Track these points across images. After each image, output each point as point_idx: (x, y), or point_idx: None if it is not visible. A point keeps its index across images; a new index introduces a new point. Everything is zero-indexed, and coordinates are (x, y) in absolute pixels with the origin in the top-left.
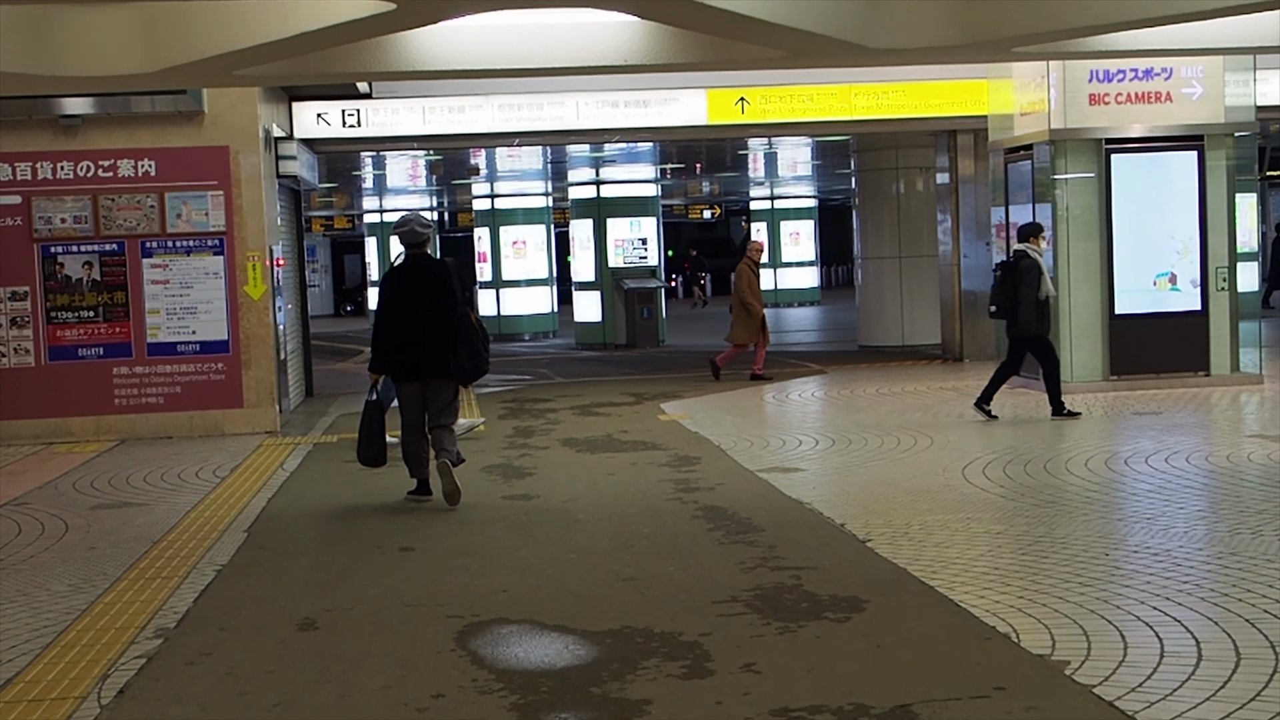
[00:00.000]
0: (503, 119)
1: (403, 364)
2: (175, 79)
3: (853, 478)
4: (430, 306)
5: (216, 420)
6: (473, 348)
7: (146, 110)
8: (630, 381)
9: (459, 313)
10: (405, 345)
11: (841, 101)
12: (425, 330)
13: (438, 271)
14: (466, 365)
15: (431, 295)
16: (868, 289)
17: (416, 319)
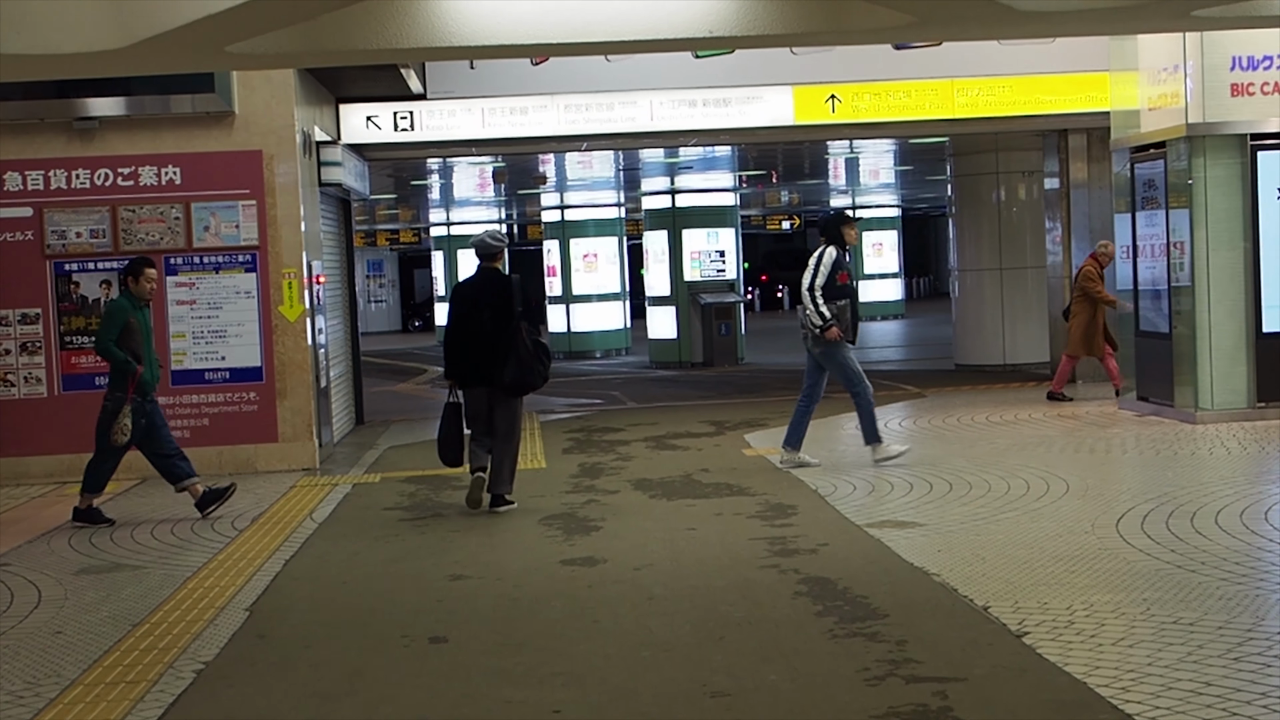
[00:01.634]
0: (569, 121)
1: (467, 371)
2: (155, 58)
3: (984, 537)
4: (489, 319)
5: (248, 456)
6: (521, 363)
7: (170, 111)
8: (709, 406)
9: (511, 327)
10: (469, 354)
11: (942, 98)
12: (485, 341)
13: (500, 286)
14: (509, 379)
15: (492, 308)
16: (965, 303)
17: (479, 329)
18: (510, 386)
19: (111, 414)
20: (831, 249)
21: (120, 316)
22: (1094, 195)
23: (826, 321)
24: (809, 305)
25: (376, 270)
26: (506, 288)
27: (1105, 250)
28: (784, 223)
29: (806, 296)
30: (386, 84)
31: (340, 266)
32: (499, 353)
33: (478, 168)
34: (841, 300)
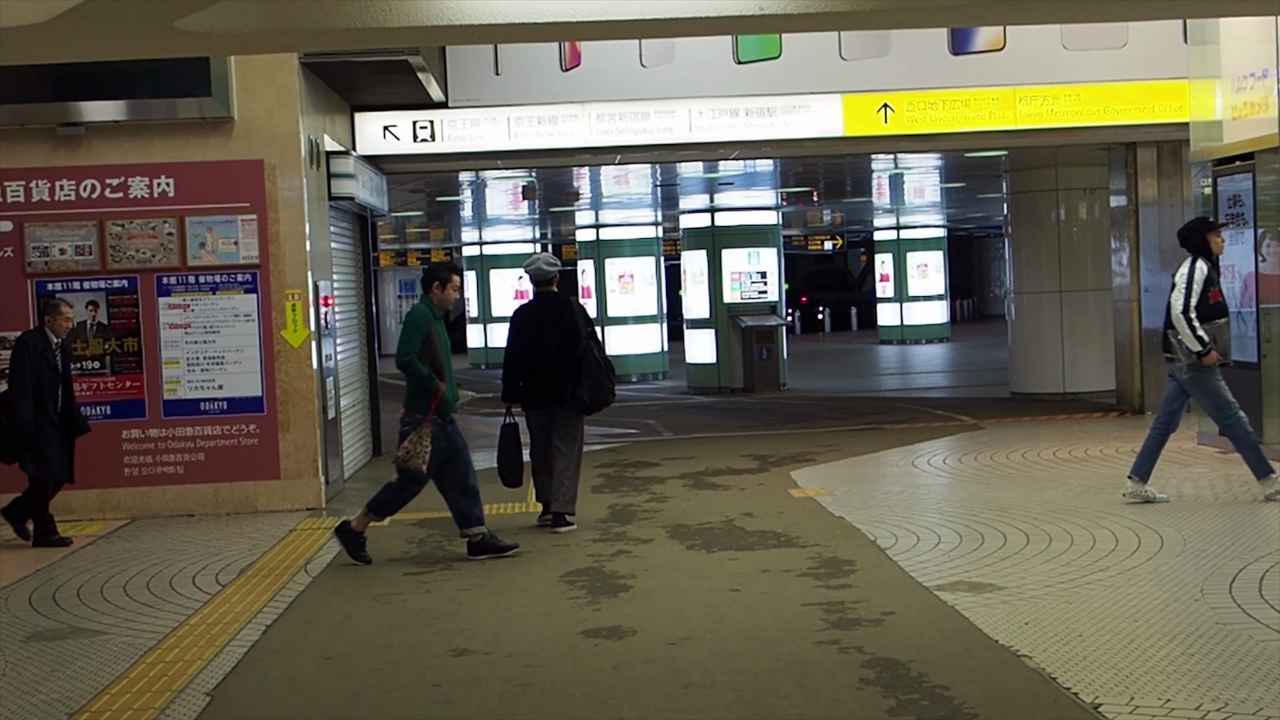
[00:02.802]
0: (601, 131)
1: (530, 394)
2: (88, 37)
3: (1076, 605)
4: (554, 341)
5: (247, 495)
6: (595, 380)
7: (163, 116)
8: (751, 438)
9: (582, 346)
10: (532, 377)
11: (1003, 107)
12: (549, 363)
13: (562, 309)
14: (586, 397)
15: (555, 331)
16: (1022, 327)
17: (542, 352)
18: (588, 404)
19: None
20: (1201, 263)
21: (423, 325)
22: (1164, 213)
23: (1205, 346)
24: (1184, 330)
25: (409, 291)
26: (568, 310)
27: None
28: (826, 243)
29: (1181, 321)
30: (405, 91)
31: (356, 287)
32: (565, 374)
33: (507, 183)
34: (1219, 319)
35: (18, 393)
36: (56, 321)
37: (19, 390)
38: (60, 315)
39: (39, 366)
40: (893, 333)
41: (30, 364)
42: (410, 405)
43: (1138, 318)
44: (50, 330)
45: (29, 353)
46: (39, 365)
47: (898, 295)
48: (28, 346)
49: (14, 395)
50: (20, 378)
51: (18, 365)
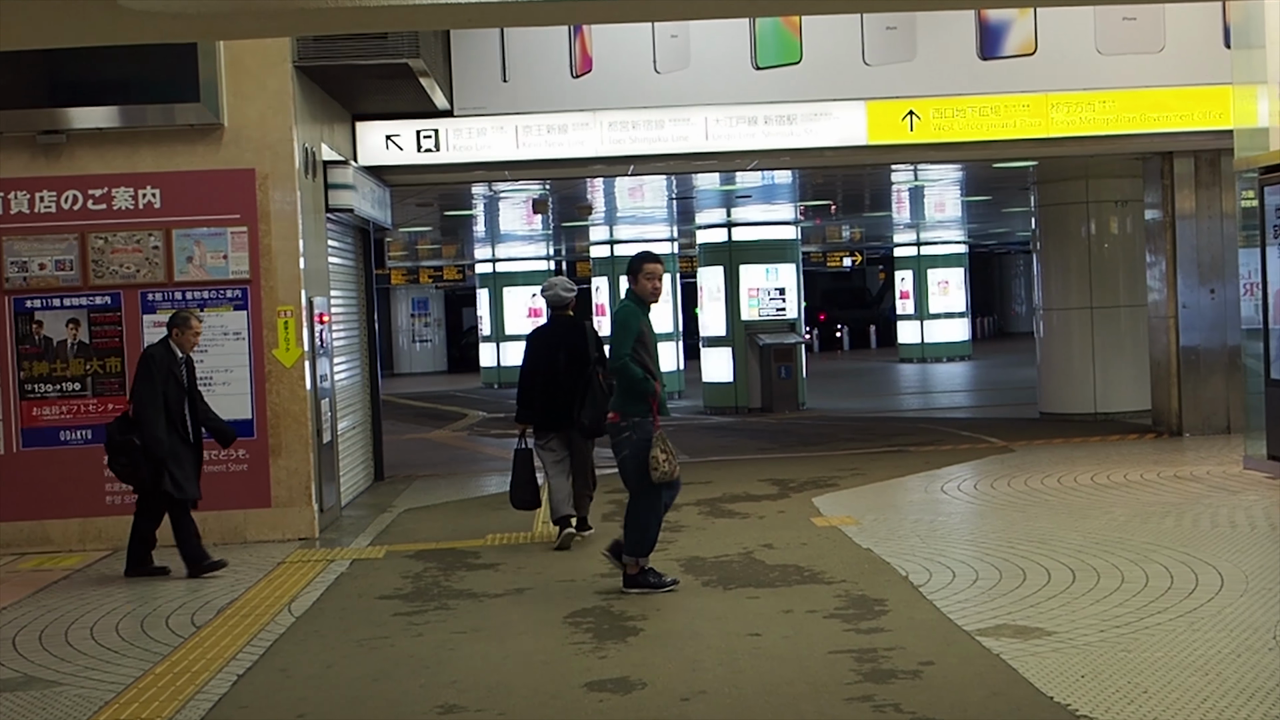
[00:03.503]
0: (614, 140)
1: (543, 416)
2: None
3: (1137, 654)
4: (565, 364)
5: (236, 524)
6: (598, 405)
7: (148, 123)
8: (770, 461)
9: (589, 371)
10: (546, 399)
11: (1035, 115)
12: (561, 386)
13: (574, 332)
14: (586, 421)
15: (567, 354)
16: (1051, 345)
17: (554, 375)
18: (588, 429)
19: (642, 448)
20: None
21: (633, 325)
22: (1202, 226)
23: None
24: None
25: (421, 309)
26: (581, 334)
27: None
28: (845, 259)
29: None
30: (408, 99)
31: (358, 304)
32: (574, 396)
33: (517, 197)
34: None
35: (149, 411)
36: (185, 335)
37: (150, 408)
38: (190, 329)
39: (166, 382)
40: (913, 351)
41: (159, 379)
42: (625, 409)
43: (1175, 335)
44: (176, 345)
45: (156, 367)
46: (166, 380)
47: (918, 312)
48: (155, 360)
49: (143, 413)
50: (150, 395)
51: (146, 381)
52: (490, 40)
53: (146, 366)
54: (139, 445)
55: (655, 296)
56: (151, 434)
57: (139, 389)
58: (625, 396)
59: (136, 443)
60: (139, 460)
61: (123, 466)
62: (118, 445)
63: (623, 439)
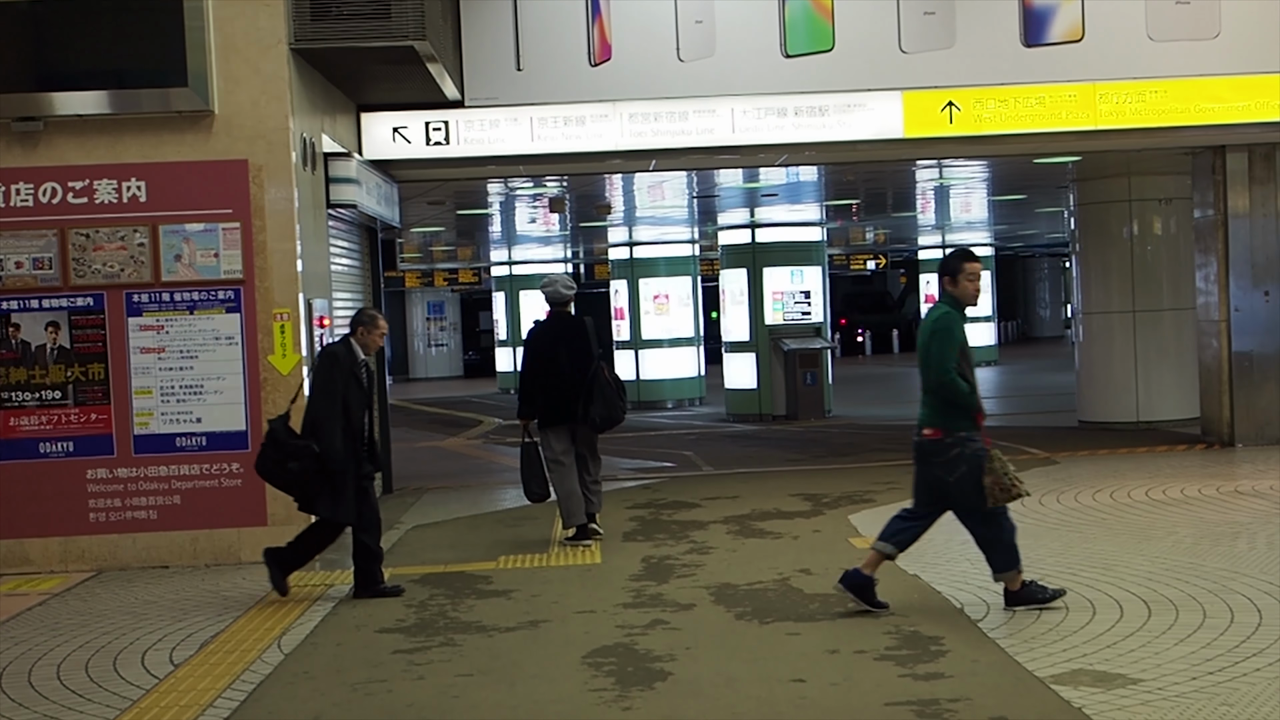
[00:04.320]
0: (634, 133)
1: (548, 411)
2: None
3: (1240, 710)
4: (570, 360)
5: (230, 543)
6: (607, 399)
7: (133, 110)
8: (800, 474)
9: (594, 366)
10: (549, 395)
11: (1082, 106)
12: (566, 381)
13: (577, 328)
14: (598, 417)
15: (570, 350)
16: (1091, 351)
17: (558, 371)
18: (600, 424)
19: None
20: None
21: (957, 331)
22: (1256, 225)
23: None
24: None
25: (437, 313)
26: (583, 330)
27: None
28: (869, 263)
29: None
30: (416, 88)
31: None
32: (579, 392)
33: (533, 194)
34: None
35: (327, 417)
36: (371, 336)
37: (328, 414)
38: (376, 329)
39: (347, 387)
40: None
41: (339, 382)
42: (948, 425)
43: (1226, 340)
44: (360, 345)
45: (338, 368)
46: (348, 384)
47: None
48: (337, 360)
49: (322, 422)
50: (330, 402)
51: (326, 384)
52: (504, 26)
53: (328, 369)
54: (316, 453)
55: (975, 299)
56: (331, 445)
57: (318, 395)
58: (948, 412)
59: (315, 450)
60: (311, 470)
61: (290, 474)
62: (292, 449)
63: (950, 459)
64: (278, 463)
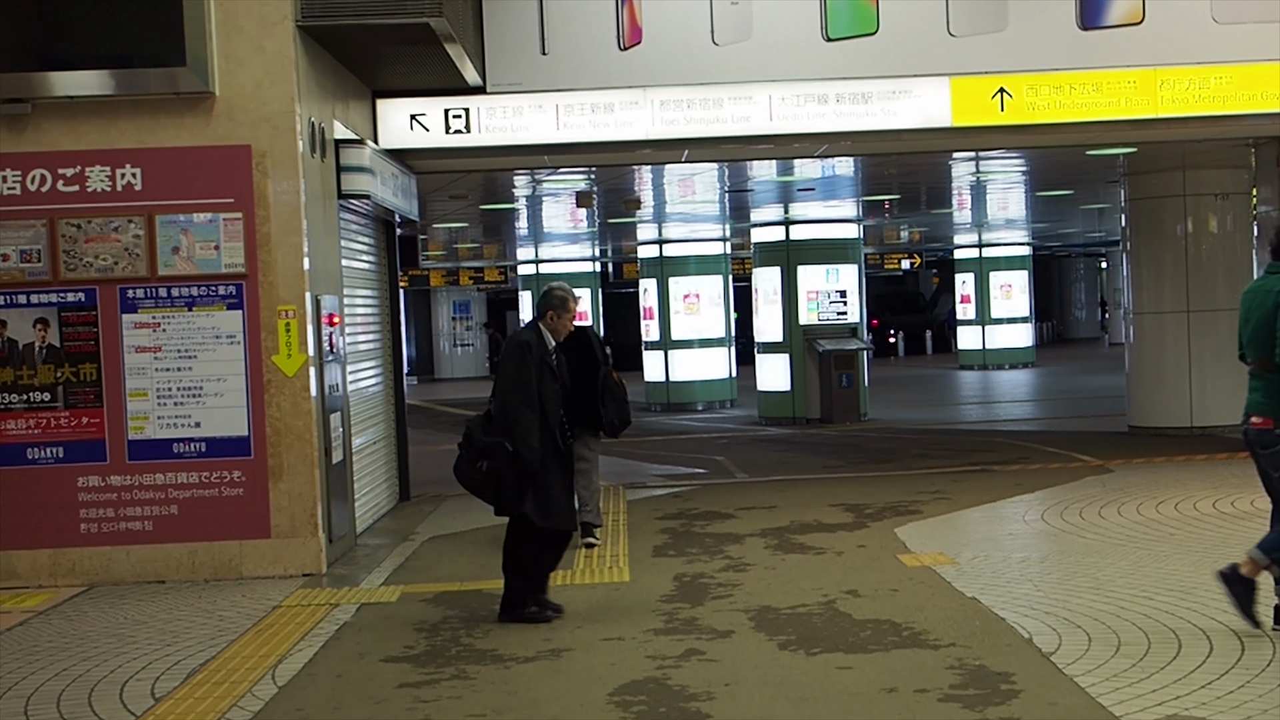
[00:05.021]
0: (666, 121)
1: None
2: None
3: None
4: (575, 366)
5: (231, 556)
6: (619, 403)
7: (127, 91)
8: (839, 482)
9: (603, 372)
10: None
11: (1141, 93)
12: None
13: (579, 336)
14: (615, 420)
15: (573, 357)
16: (1142, 352)
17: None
18: (616, 426)
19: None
20: None
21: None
22: None
23: None
24: None
25: (463, 312)
26: (585, 336)
27: None
28: (903, 262)
29: None
30: (435, 72)
31: (380, 304)
32: (581, 399)
33: (560, 188)
34: None
35: (523, 414)
36: (562, 320)
37: (525, 410)
38: (568, 311)
39: (540, 378)
40: (974, 357)
41: (533, 373)
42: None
43: None
44: (549, 331)
45: (529, 356)
46: (541, 375)
47: (980, 317)
48: (529, 349)
49: (515, 416)
50: (523, 392)
51: (518, 376)
52: (528, 8)
53: (520, 358)
54: (511, 452)
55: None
56: (526, 443)
57: (510, 388)
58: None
59: (509, 448)
60: (505, 470)
61: (482, 476)
62: (485, 447)
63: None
64: (470, 463)
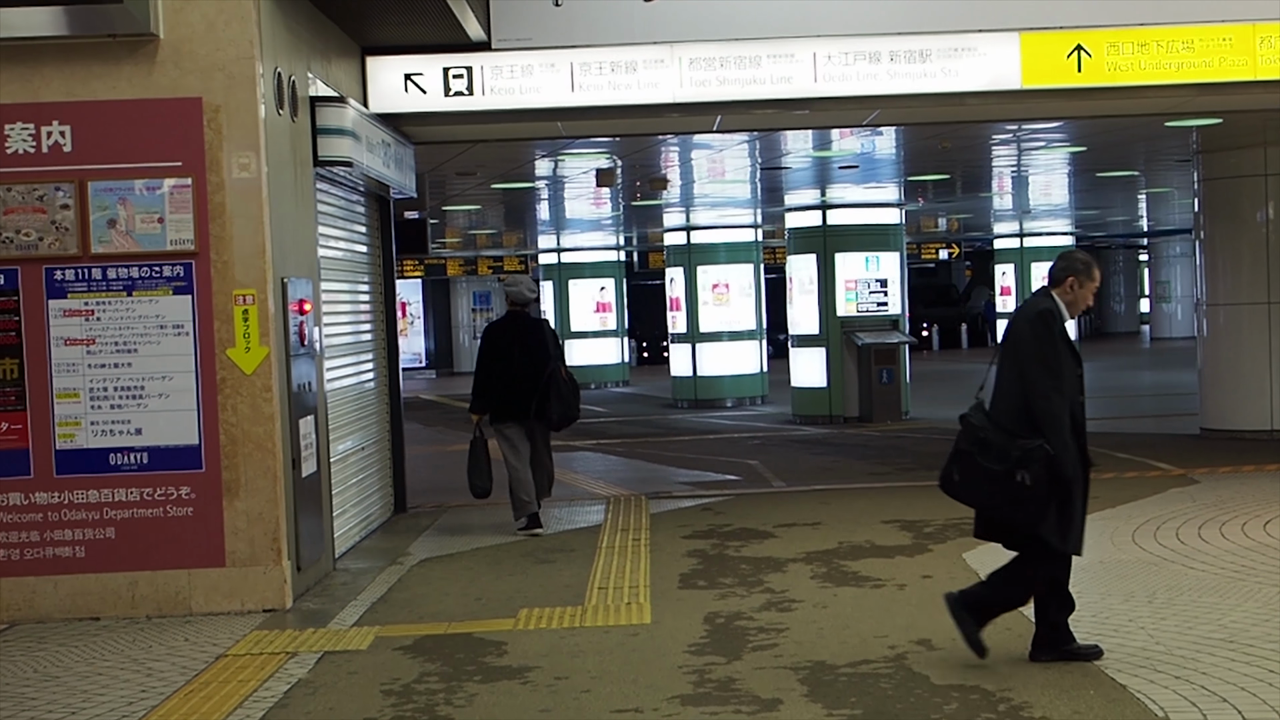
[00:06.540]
0: (696, 82)
1: (502, 408)
2: None
3: None
4: (526, 359)
5: (178, 589)
6: (564, 400)
7: (54, 33)
8: (888, 492)
9: (550, 367)
10: (504, 392)
11: (1238, 52)
12: (521, 379)
13: (534, 329)
14: (554, 415)
15: (527, 349)
16: (1217, 349)
17: (514, 369)
18: (557, 423)
19: None
20: None
21: None
22: None
23: None
24: None
25: (483, 303)
26: (540, 330)
27: None
28: (941, 251)
29: None
30: (432, 25)
31: (373, 291)
32: (534, 390)
33: (579, 163)
34: None
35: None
36: (1085, 290)
37: (1057, 396)
38: (1092, 281)
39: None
40: None
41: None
42: None
43: None
44: (1066, 303)
45: (1056, 329)
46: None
47: None
48: (1055, 320)
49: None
50: (1054, 376)
51: (1044, 352)
52: None
53: (1047, 330)
54: (1050, 455)
55: None
56: (1063, 440)
57: (1036, 370)
58: None
59: (1049, 450)
60: (1041, 479)
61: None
62: (1023, 454)
63: None
64: (992, 477)
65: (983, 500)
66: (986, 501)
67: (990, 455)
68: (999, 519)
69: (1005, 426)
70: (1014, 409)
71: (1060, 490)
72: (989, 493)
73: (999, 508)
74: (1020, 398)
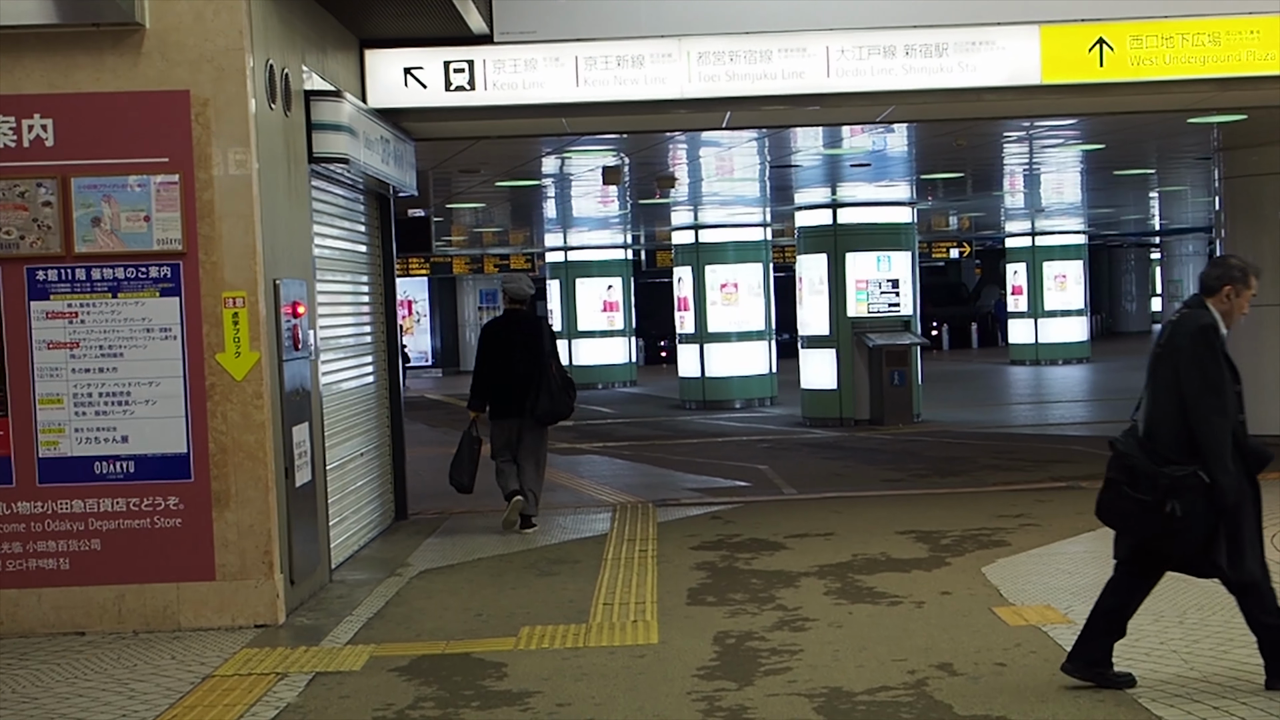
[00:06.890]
0: (705, 77)
1: (497, 404)
2: None
3: None
4: (522, 356)
5: (166, 603)
6: (554, 397)
7: (35, 22)
8: (903, 500)
9: (543, 364)
10: (499, 388)
11: (1265, 44)
12: (517, 376)
13: (531, 327)
14: (544, 411)
15: (523, 346)
16: (1237, 351)
17: (510, 366)
18: (543, 417)
19: None
20: None
21: None
22: None
23: None
24: None
25: (490, 302)
26: (537, 328)
27: None
28: (952, 250)
29: None
30: (433, 17)
31: (372, 292)
32: (530, 387)
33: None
34: None
35: (1218, 424)
36: (1242, 299)
37: (1219, 418)
38: (1249, 289)
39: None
40: (1025, 352)
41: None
42: None
43: None
44: (1222, 313)
45: (1218, 346)
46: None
47: (1032, 310)
48: (1217, 335)
49: (1209, 428)
50: (1216, 395)
51: (1207, 370)
52: None
53: (1209, 348)
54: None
55: None
56: (1224, 466)
57: (1198, 389)
58: None
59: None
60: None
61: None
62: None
63: None
64: (1145, 507)
65: (1139, 532)
66: (1143, 533)
67: (1140, 485)
68: (1160, 551)
69: (1161, 452)
70: (1173, 432)
71: (1225, 518)
72: (1144, 524)
73: (1157, 540)
74: (1179, 420)
